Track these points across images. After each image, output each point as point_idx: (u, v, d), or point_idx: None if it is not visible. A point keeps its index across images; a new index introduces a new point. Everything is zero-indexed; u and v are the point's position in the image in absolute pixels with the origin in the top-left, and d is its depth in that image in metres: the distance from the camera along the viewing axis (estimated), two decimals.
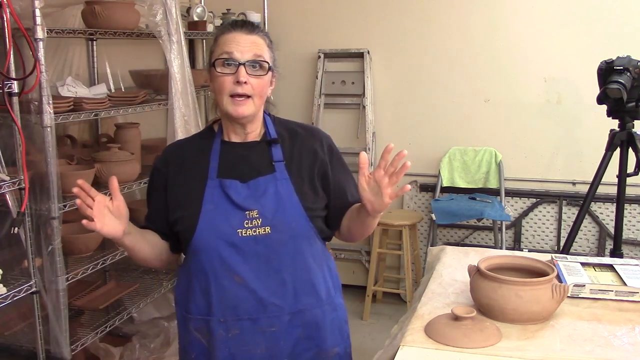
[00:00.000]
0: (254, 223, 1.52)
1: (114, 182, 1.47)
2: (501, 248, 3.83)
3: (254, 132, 1.63)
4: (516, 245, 4.01)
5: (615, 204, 3.09)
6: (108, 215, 1.43)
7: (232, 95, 1.52)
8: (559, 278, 1.68)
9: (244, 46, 1.52)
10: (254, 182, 1.56)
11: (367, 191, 1.45)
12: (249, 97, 1.53)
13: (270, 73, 1.58)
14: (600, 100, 2.87)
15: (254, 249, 1.52)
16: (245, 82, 1.51)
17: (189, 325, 1.60)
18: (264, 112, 1.65)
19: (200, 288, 1.56)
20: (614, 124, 2.98)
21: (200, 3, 3.85)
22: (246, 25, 1.57)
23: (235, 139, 1.62)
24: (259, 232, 1.52)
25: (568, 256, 1.89)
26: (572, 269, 1.77)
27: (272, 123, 1.66)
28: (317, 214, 1.60)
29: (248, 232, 1.52)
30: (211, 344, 1.56)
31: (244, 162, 1.59)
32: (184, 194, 1.57)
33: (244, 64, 1.51)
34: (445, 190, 4.06)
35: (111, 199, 1.46)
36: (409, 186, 1.45)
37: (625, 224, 3.65)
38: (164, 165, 1.64)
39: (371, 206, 1.46)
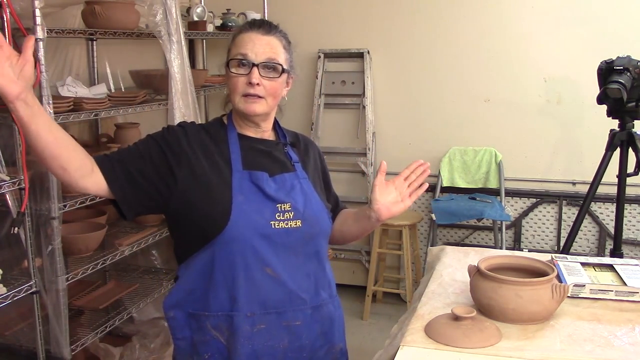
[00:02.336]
0: (285, 216, 1.53)
1: (30, 41, 1.32)
2: (501, 248, 3.83)
3: (269, 130, 1.66)
4: (516, 245, 4.01)
5: (615, 204, 3.09)
6: (7, 67, 1.26)
7: (245, 95, 1.53)
8: (559, 278, 1.68)
9: (259, 47, 1.53)
10: (280, 177, 1.58)
11: (382, 198, 1.56)
12: (261, 97, 1.54)
13: (285, 75, 1.58)
14: (600, 100, 2.87)
15: (285, 241, 1.53)
16: (257, 84, 1.51)
17: (206, 324, 1.54)
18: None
19: (224, 282, 1.51)
20: (614, 124, 2.98)
21: (200, 3, 3.85)
22: (264, 26, 1.57)
23: (250, 133, 1.62)
24: (290, 224, 1.53)
25: (568, 256, 1.89)
26: (572, 269, 1.77)
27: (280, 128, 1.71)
28: (328, 212, 1.66)
29: (280, 225, 1.52)
30: (231, 341, 1.52)
31: (267, 158, 1.61)
32: (212, 182, 1.53)
33: (257, 65, 1.51)
34: (445, 190, 4.06)
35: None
36: (426, 184, 1.58)
37: (625, 224, 3.65)
38: (184, 136, 1.56)
39: (387, 211, 1.56)
